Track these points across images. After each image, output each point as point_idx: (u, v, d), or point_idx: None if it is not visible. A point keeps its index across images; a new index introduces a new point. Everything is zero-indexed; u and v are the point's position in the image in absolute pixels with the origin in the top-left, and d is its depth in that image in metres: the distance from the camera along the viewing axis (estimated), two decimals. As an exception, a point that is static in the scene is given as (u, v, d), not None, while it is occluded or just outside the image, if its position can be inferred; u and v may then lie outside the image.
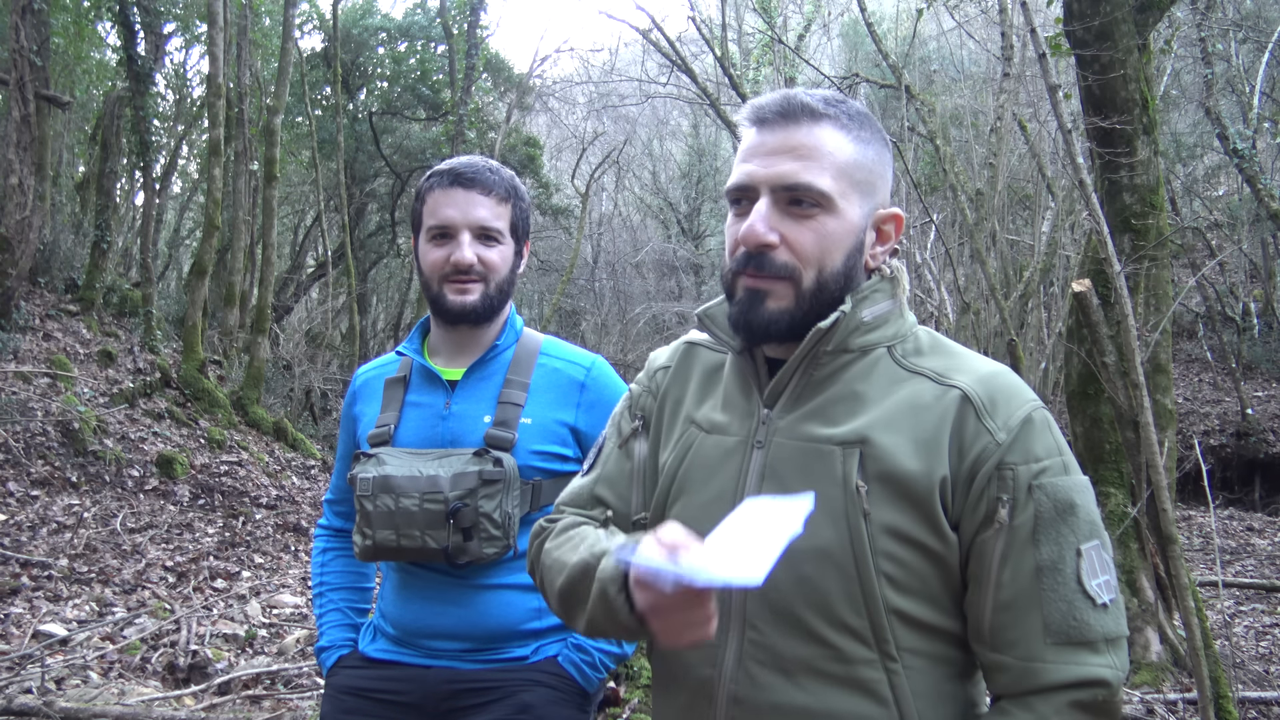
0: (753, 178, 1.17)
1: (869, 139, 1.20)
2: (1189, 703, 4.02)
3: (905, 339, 1.22)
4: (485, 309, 1.75)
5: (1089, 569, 1.09)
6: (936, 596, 1.14)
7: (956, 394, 1.14)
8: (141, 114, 11.39)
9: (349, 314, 16.20)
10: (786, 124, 1.17)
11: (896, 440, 1.13)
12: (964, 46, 14.40)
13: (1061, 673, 1.07)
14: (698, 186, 21.67)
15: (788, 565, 1.10)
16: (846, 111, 1.19)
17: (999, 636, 1.11)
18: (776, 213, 1.16)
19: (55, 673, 4.17)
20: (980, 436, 1.12)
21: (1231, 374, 12.43)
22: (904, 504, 1.11)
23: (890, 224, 1.24)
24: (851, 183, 1.17)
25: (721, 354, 1.34)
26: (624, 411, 1.41)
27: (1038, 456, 1.11)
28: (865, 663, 1.12)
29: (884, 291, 1.22)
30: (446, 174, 1.75)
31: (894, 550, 1.11)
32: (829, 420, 1.17)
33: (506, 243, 1.77)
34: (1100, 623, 1.09)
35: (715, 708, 1.18)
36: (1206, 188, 15.25)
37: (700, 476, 1.24)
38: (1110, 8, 4.28)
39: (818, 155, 1.15)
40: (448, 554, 1.63)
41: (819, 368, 1.19)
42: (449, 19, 16.15)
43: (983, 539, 1.11)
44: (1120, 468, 4.54)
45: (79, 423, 7.64)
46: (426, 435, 1.73)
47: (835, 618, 1.12)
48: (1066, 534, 1.10)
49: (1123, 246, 4.27)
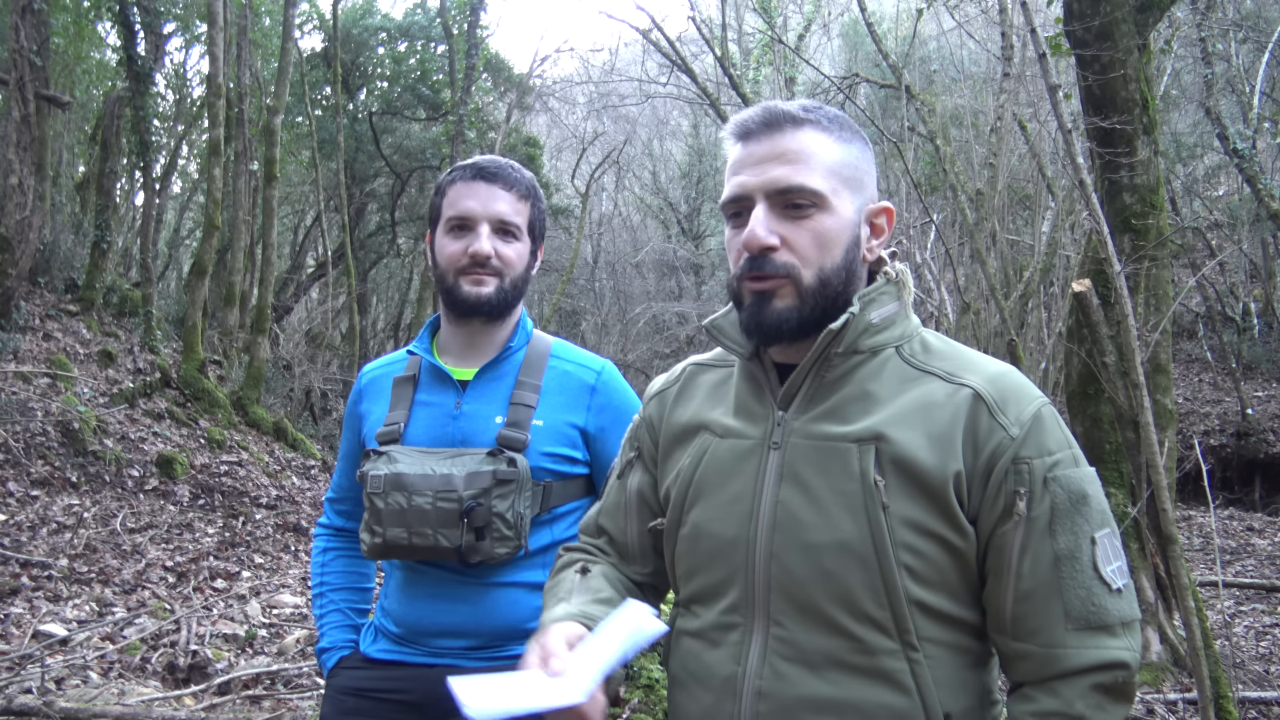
0: (746, 187, 1.22)
1: (850, 138, 1.25)
2: (1189, 703, 4.03)
3: (911, 340, 1.26)
4: (500, 303, 1.74)
5: (1103, 556, 1.14)
6: (954, 588, 1.17)
7: (968, 392, 1.18)
8: (141, 114, 11.39)
9: (349, 314, 16.20)
10: (771, 133, 1.22)
11: (911, 435, 1.16)
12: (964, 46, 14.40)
13: (1084, 657, 1.12)
14: (698, 186, 21.67)
15: (810, 560, 1.16)
16: (825, 115, 1.24)
17: (1020, 625, 1.15)
18: (774, 217, 1.20)
19: (55, 673, 4.17)
20: (994, 432, 1.15)
21: (1231, 374, 12.43)
22: (921, 497, 1.15)
23: (882, 217, 1.28)
24: (841, 180, 1.22)
25: (726, 368, 1.38)
26: (626, 442, 1.48)
27: (1050, 450, 1.16)
28: (888, 653, 1.15)
29: (890, 294, 1.25)
30: (470, 168, 1.76)
31: (913, 542, 1.14)
32: (843, 419, 1.20)
33: (523, 240, 1.78)
34: (1117, 607, 1.13)
35: (740, 703, 1.20)
36: (1206, 188, 15.24)
37: (717, 480, 1.27)
38: (1110, 8, 4.28)
39: (806, 158, 1.20)
40: (460, 553, 1.63)
41: (830, 369, 1.23)
42: (449, 19, 16.15)
43: (1002, 532, 1.15)
44: (1120, 468, 4.54)
45: (79, 423, 7.64)
46: (437, 434, 1.73)
47: (858, 609, 1.15)
48: (1081, 523, 1.14)
49: (1123, 246, 4.27)
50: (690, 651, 1.28)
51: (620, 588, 1.38)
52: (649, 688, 3.70)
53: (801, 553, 1.17)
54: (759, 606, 1.20)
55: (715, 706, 1.23)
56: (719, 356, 1.41)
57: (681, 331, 18.30)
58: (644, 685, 3.80)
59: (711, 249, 20.70)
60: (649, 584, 1.43)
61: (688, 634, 1.30)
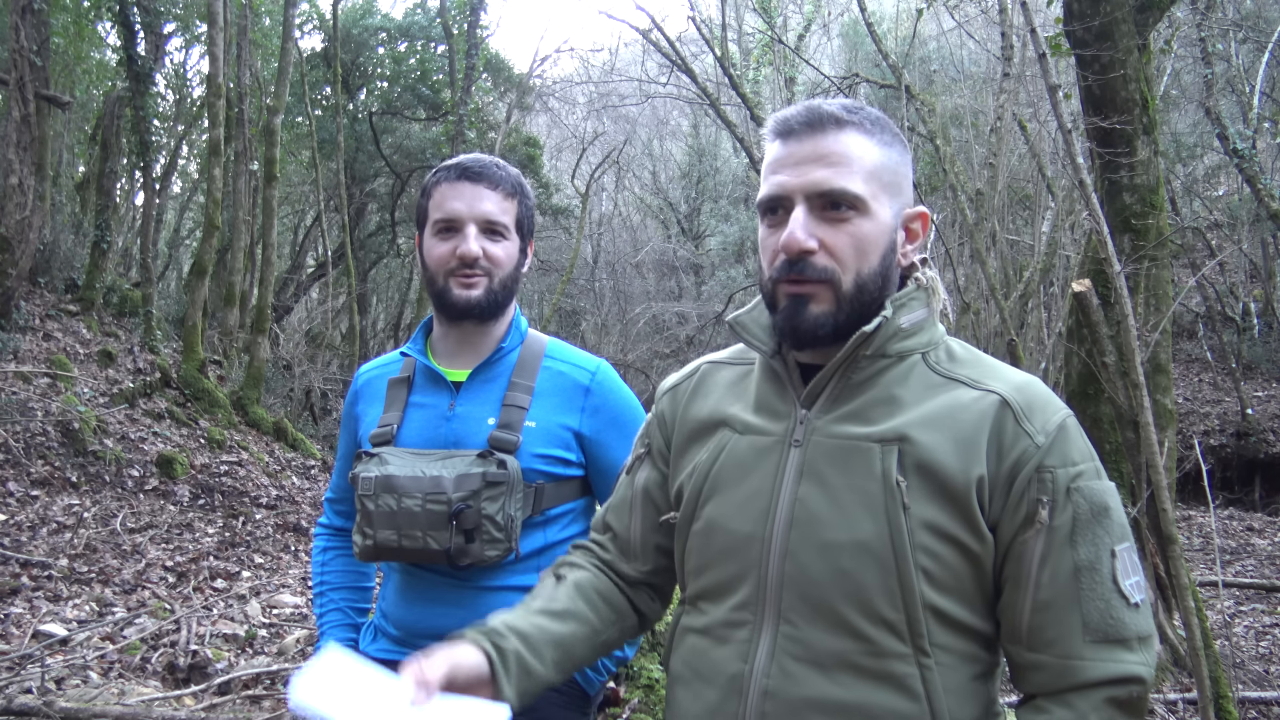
0: (786, 188, 1.21)
1: (891, 141, 1.24)
2: (1189, 703, 4.03)
3: (937, 347, 1.26)
4: (490, 304, 1.73)
5: (1123, 569, 1.13)
6: (970, 596, 1.16)
7: (995, 398, 1.18)
8: (141, 114, 11.39)
9: (349, 314, 16.20)
10: (814, 133, 1.21)
11: (935, 438, 1.16)
12: (964, 46, 14.40)
13: (1100, 670, 1.11)
14: (698, 186, 21.67)
15: (826, 559, 1.16)
16: (868, 117, 1.23)
17: (1037, 636, 1.14)
18: (813, 219, 1.20)
19: (55, 673, 4.17)
20: (1020, 439, 1.15)
21: (1231, 374, 12.43)
22: (942, 500, 1.14)
23: (917, 222, 1.28)
24: (881, 185, 1.21)
25: (743, 366, 1.37)
26: (638, 438, 1.47)
27: (1074, 461, 1.15)
28: (899, 657, 1.14)
29: (920, 300, 1.25)
30: (454, 168, 1.75)
31: (932, 546, 1.14)
32: (867, 420, 1.20)
33: (512, 238, 1.76)
34: (1134, 621, 1.12)
35: (745, 702, 1.19)
36: (1206, 188, 15.24)
37: (735, 475, 1.26)
38: (1110, 8, 4.28)
39: (847, 161, 1.19)
40: (449, 555, 1.62)
41: (857, 371, 1.22)
42: (449, 19, 16.15)
43: (1022, 539, 1.14)
44: (1120, 468, 4.54)
45: (79, 423, 7.64)
46: (430, 436, 1.72)
47: (872, 611, 1.14)
48: (1102, 535, 1.13)
49: (1123, 246, 4.27)
50: (695, 648, 1.27)
51: (592, 597, 1.37)
52: (649, 688, 3.70)
53: (818, 551, 1.17)
54: (770, 604, 1.19)
55: (720, 704, 1.21)
56: (735, 354, 1.40)
57: (681, 331, 18.31)
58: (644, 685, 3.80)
59: (711, 249, 20.70)
60: (645, 582, 1.42)
61: (693, 631, 1.29)
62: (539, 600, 1.34)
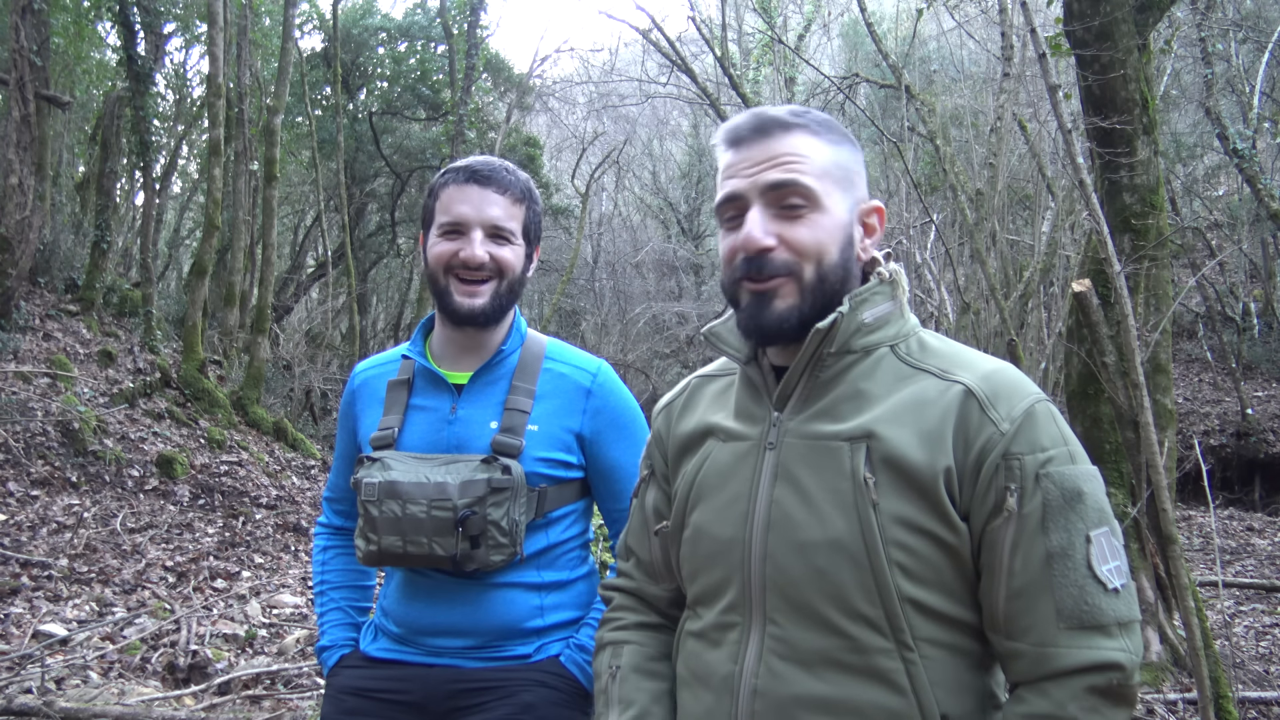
0: (740, 189, 1.24)
1: (839, 140, 1.28)
2: (1189, 703, 4.02)
3: (908, 338, 1.26)
4: (494, 311, 1.72)
5: (1099, 554, 1.12)
6: (950, 586, 1.16)
7: (960, 389, 1.18)
8: (141, 114, 11.39)
9: (349, 314, 16.20)
10: (763, 138, 1.24)
11: (901, 433, 1.16)
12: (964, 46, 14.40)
13: (1075, 657, 1.10)
14: (698, 186, 21.67)
15: (803, 559, 1.17)
16: (815, 120, 1.27)
17: (1013, 624, 1.14)
18: (769, 217, 1.22)
19: (55, 673, 4.17)
20: (984, 428, 1.15)
21: (1231, 374, 12.42)
22: (911, 494, 1.15)
23: (874, 216, 1.30)
24: (832, 181, 1.24)
25: (730, 376, 1.39)
26: (641, 462, 1.50)
27: (1043, 446, 1.15)
28: (882, 652, 1.15)
29: (883, 294, 1.26)
30: (462, 171, 1.73)
31: (904, 539, 1.14)
32: (836, 418, 1.21)
33: (518, 243, 1.75)
34: (1112, 607, 1.11)
35: (737, 702, 1.21)
36: (1206, 188, 15.24)
37: (716, 482, 1.29)
38: (1110, 8, 4.28)
39: (797, 160, 1.23)
40: (455, 561, 1.62)
41: (824, 369, 1.24)
42: (449, 19, 16.15)
43: (993, 528, 1.14)
44: (1120, 468, 4.53)
45: (79, 423, 7.64)
46: (432, 440, 1.71)
47: (850, 608, 1.15)
48: (1075, 521, 1.12)
49: (1123, 246, 4.27)
50: (693, 651, 1.30)
51: (649, 669, 1.38)
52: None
53: (795, 551, 1.18)
54: (755, 606, 1.21)
55: (715, 705, 1.24)
56: (722, 366, 1.43)
57: (681, 331, 18.31)
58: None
59: (711, 249, 20.70)
60: (677, 599, 1.42)
61: (692, 635, 1.31)
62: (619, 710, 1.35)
